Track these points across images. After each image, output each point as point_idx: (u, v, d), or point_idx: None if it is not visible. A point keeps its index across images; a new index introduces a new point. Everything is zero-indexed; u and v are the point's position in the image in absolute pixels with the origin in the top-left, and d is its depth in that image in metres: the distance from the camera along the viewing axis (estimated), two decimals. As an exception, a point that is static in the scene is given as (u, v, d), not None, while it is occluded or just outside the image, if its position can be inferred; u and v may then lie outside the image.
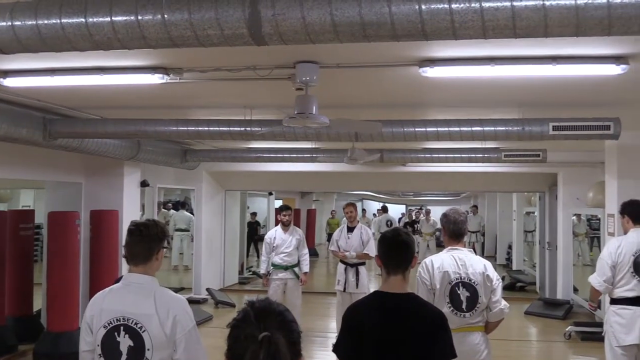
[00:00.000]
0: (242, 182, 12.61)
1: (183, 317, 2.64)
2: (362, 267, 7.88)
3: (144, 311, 2.63)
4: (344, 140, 6.78)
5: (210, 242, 12.09)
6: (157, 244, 2.77)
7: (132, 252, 2.75)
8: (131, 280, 2.74)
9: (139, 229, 2.74)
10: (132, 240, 2.74)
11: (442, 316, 2.87)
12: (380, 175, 11.63)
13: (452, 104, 6.02)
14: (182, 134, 6.49)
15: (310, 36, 2.55)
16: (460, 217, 4.19)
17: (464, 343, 3.97)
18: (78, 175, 8.52)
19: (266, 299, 1.64)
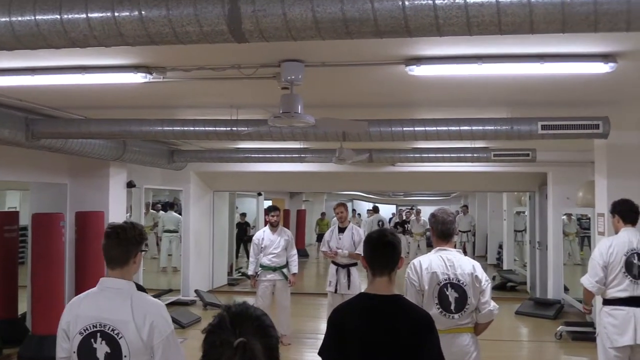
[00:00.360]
0: (231, 182, 12.55)
1: (160, 322, 2.59)
2: (353, 268, 7.85)
3: (120, 317, 2.58)
4: (332, 140, 6.74)
5: (199, 244, 12.02)
6: (134, 248, 2.72)
7: (108, 255, 2.69)
8: (107, 285, 2.69)
9: (115, 232, 2.68)
10: (109, 243, 2.68)
11: (428, 318, 2.84)
12: (369, 175, 11.60)
13: (440, 103, 5.99)
14: (168, 134, 6.43)
15: (291, 33, 2.50)
16: (449, 217, 4.15)
17: (453, 344, 3.95)
18: (63, 176, 8.43)
19: (243, 304, 1.59)
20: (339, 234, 8.01)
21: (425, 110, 6.52)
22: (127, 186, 9.13)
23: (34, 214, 7.72)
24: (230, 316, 1.54)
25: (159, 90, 5.38)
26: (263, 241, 8.28)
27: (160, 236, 14.51)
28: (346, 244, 7.87)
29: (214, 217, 12.67)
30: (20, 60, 4.26)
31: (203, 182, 12.18)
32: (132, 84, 4.80)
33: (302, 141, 8.38)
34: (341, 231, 8.01)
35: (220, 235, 13.08)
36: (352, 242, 7.83)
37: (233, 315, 1.54)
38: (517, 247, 15.52)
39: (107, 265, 2.71)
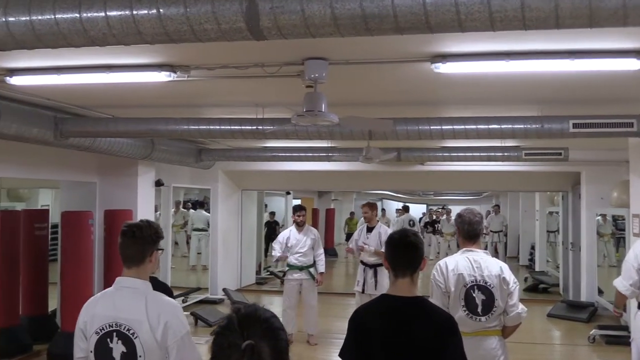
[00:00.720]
0: (259, 181, 12.59)
1: (175, 323, 2.58)
2: (381, 268, 7.79)
3: (135, 316, 2.58)
4: (358, 139, 6.71)
5: (227, 242, 12.08)
6: (150, 246, 2.71)
7: (124, 253, 2.69)
8: (123, 284, 2.69)
9: (131, 230, 2.68)
10: (125, 241, 2.68)
11: (451, 321, 2.78)
12: (398, 174, 11.52)
13: (468, 101, 5.91)
14: (194, 133, 6.46)
15: (310, 30, 2.47)
16: (475, 217, 4.08)
17: (480, 347, 3.89)
18: (92, 175, 8.54)
19: (252, 305, 1.57)
20: (367, 233, 7.97)
21: (453, 108, 6.44)
22: (155, 185, 9.21)
23: (63, 211, 7.83)
24: (238, 318, 1.52)
25: (184, 89, 5.40)
26: (289, 240, 8.29)
27: (190, 234, 14.63)
28: (373, 244, 7.84)
29: (242, 216, 12.72)
30: (46, 59, 4.32)
31: (231, 181, 12.23)
32: (157, 82, 4.82)
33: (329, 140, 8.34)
34: (369, 230, 7.98)
35: (248, 233, 13.13)
36: (379, 241, 7.79)
37: (241, 317, 1.52)
38: (550, 248, 15.28)
39: (124, 263, 2.71)
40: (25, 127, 5.83)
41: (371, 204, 8.18)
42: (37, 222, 8.23)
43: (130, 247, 2.68)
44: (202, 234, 13.74)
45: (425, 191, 23.90)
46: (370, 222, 8.00)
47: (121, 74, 4.54)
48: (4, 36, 2.61)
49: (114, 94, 5.71)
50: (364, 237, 8.00)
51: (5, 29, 2.59)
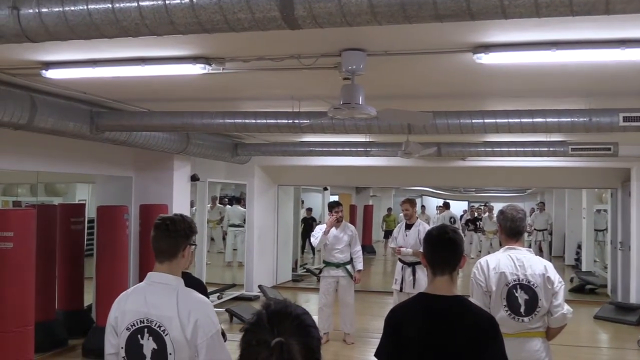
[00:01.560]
0: (295, 176, 12.61)
1: (205, 321, 2.57)
2: (419, 266, 7.72)
3: (165, 313, 2.57)
4: (398, 133, 6.65)
5: (263, 238, 12.13)
6: (183, 240, 2.70)
7: (157, 247, 2.69)
8: (155, 279, 2.68)
9: (165, 224, 2.67)
10: (158, 235, 2.68)
11: (492, 321, 2.73)
12: (438, 170, 11.41)
13: (512, 93, 5.81)
14: (229, 127, 6.49)
15: (346, 18, 2.44)
16: (518, 214, 4.00)
17: (522, 349, 3.82)
18: (128, 169, 8.65)
19: (284, 301, 1.54)
20: (406, 230, 7.91)
21: (496, 101, 6.34)
22: (191, 179, 9.29)
23: (99, 206, 7.96)
24: (268, 314, 1.49)
25: (219, 82, 5.42)
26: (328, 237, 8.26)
27: (226, 230, 14.75)
28: (411, 241, 7.77)
29: (279, 212, 12.77)
30: (81, 52, 4.37)
31: (267, 176, 12.28)
32: (191, 75, 4.85)
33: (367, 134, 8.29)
34: (408, 228, 7.91)
35: (284, 230, 13.17)
36: (418, 239, 7.70)
37: (272, 313, 1.50)
38: (598, 248, 14.96)
39: (156, 258, 2.71)
40: (62, 121, 5.93)
41: (411, 201, 8.11)
42: (73, 216, 8.38)
43: (163, 241, 2.68)
44: (238, 230, 13.85)
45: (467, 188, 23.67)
46: (410, 219, 7.93)
47: (156, 67, 4.57)
48: (37, 27, 2.64)
49: (149, 87, 5.76)
50: (402, 234, 7.94)
51: (39, 20, 2.62)
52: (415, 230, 7.83)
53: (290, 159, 11.14)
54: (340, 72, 4.41)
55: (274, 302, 1.52)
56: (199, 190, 10.61)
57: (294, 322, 1.49)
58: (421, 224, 7.96)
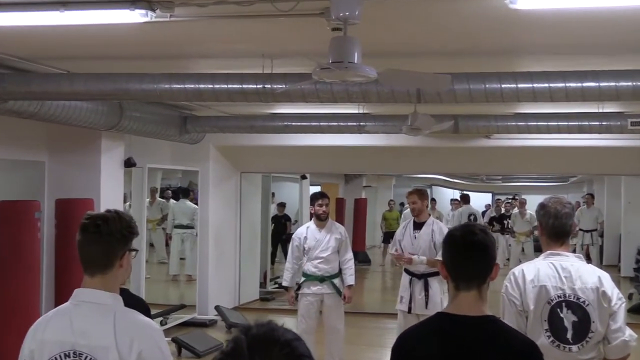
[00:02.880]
0: (264, 161, 12.63)
1: (152, 352, 2.57)
2: (433, 278, 7.72)
3: (99, 342, 2.57)
4: (402, 102, 6.67)
5: (221, 244, 12.14)
6: (121, 246, 2.70)
7: (85, 256, 2.68)
8: (84, 298, 2.67)
9: (95, 224, 2.67)
10: (86, 239, 2.68)
11: (533, 348, 2.78)
12: (454, 151, 11.50)
13: (554, 49, 5.85)
14: (178, 94, 6.48)
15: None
16: (565, 208, 4.04)
17: (570, 387, 3.88)
18: (39, 152, 8.60)
19: (268, 324, 1.55)
20: (414, 231, 7.93)
21: (533, 59, 6.40)
22: (125, 165, 9.26)
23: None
24: (249, 340, 1.50)
25: (166, 34, 5.39)
26: (306, 240, 8.27)
27: (171, 233, 14.70)
28: (423, 246, 7.77)
29: (242, 209, 12.77)
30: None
31: (227, 160, 12.27)
32: (129, 24, 4.82)
33: (361, 104, 8.33)
34: (417, 228, 7.93)
35: (250, 232, 13.19)
36: (432, 243, 7.73)
37: (253, 339, 1.50)
38: (665, 254, 15.17)
39: (85, 270, 2.70)
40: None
41: (421, 192, 8.12)
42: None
43: (94, 247, 2.67)
44: (187, 233, 13.80)
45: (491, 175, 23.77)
46: (420, 215, 7.95)
47: (80, 13, 4.54)
48: None
49: (70, 41, 5.72)
50: (410, 236, 7.93)
51: None
52: (428, 230, 7.84)
53: (258, 138, 11.14)
54: (328, 21, 4.42)
55: (256, 325, 1.53)
56: (134, 180, 10.56)
57: (283, 351, 1.49)
58: (435, 222, 7.98)
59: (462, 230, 2.90)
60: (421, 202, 8.00)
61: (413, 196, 8.02)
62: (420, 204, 7.98)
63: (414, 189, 8.19)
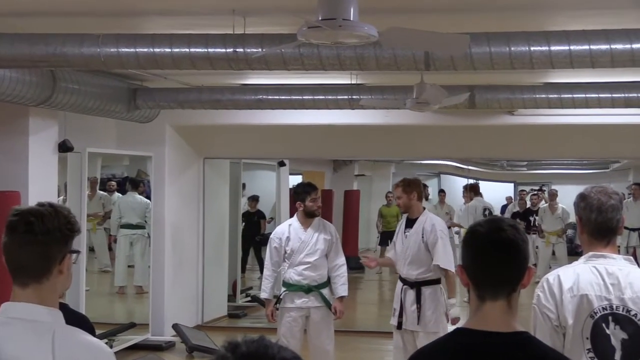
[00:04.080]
0: (233, 144, 12.63)
1: None
2: (428, 288, 7.83)
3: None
4: (406, 70, 6.70)
5: (180, 247, 12.13)
6: (60, 247, 2.69)
7: (15, 261, 2.67)
8: (14, 313, 2.66)
9: (26, 222, 2.65)
10: (15, 241, 2.65)
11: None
12: (469, 131, 11.56)
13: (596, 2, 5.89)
14: (128, 60, 6.48)
15: None
16: (610, 200, 4.05)
17: None
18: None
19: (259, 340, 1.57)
20: (406, 230, 8.02)
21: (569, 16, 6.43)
22: (59, 150, 9.22)
23: None
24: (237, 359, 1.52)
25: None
26: (289, 242, 8.30)
27: (116, 235, 14.66)
28: (412, 247, 7.88)
29: (206, 204, 12.76)
30: None
31: (187, 144, 12.25)
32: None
33: (355, 72, 8.33)
34: (409, 225, 8.02)
35: (216, 233, 13.21)
36: (422, 242, 7.83)
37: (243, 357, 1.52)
38: None
39: (14, 279, 2.68)
40: None
41: (407, 182, 8.15)
42: None
43: (26, 251, 2.66)
44: (137, 234, 13.77)
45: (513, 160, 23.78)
46: (409, 211, 8.03)
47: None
48: None
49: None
50: (401, 237, 8.03)
51: None
52: (419, 227, 7.91)
53: (226, 115, 11.10)
54: (316, -32, 4.42)
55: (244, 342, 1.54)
56: (71, 168, 10.52)
57: (279, 373, 1.51)
58: (428, 217, 8.04)
59: (487, 226, 2.89)
60: (407, 196, 8.04)
61: (397, 189, 8.13)
62: (406, 197, 8.03)
63: (400, 181, 8.21)
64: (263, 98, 9.63)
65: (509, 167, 25.66)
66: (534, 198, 20.81)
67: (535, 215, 19.27)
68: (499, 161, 23.84)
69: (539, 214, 18.90)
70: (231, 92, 9.80)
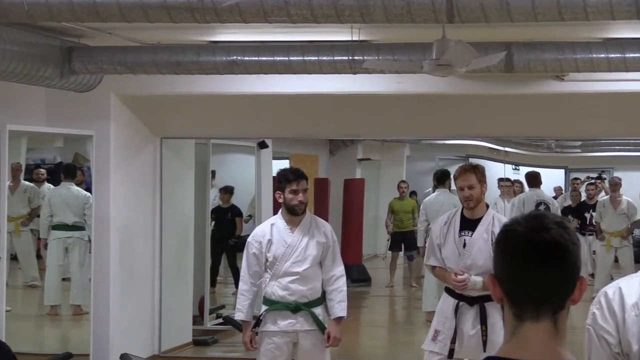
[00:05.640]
0: (199, 120, 12.66)
1: None
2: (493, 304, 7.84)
3: None
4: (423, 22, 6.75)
5: (131, 255, 12.14)
6: None
7: None
8: None
9: None
10: None
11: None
12: (506, 102, 11.64)
13: None
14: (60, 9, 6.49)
15: None
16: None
17: None
18: None
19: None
20: (463, 232, 8.05)
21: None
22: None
23: None
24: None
25: None
26: (271, 246, 8.32)
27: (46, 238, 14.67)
28: (479, 257, 7.91)
29: (164, 197, 12.78)
30: None
31: (139, 120, 12.25)
32: None
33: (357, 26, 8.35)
34: (468, 227, 8.07)
35: (177, 235, 13.23)
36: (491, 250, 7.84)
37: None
38: None
39: None
40: None
41: (478, 168, 8.22)
42: None
43: None
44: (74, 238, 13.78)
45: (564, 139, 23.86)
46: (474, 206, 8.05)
47: None
48: None
49: None
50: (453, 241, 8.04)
51: None
52: (486, 230, 7.94)
53: (190, 82, 11.08)
54: None
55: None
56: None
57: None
58: (495, 217, 8.10)
59: (527, 223, 2.87)
60: (481, 186, 8.08)
61: (469, 176, 8.10)
62: (480, 188, 8.06)
63: (467, 165, 8.25)
64: (238, 60, 9.59)
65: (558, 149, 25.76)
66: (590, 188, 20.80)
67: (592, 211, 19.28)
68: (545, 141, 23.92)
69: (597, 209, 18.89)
70: (196, 52, 9.77)
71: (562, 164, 28.38)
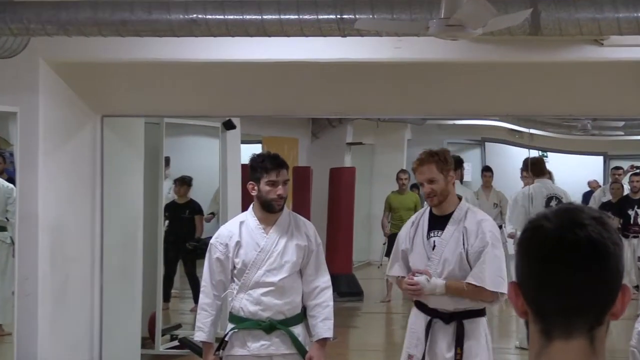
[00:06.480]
0: (149, 94, 12.66)
1: None
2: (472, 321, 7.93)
3: None
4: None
5: (64, 260, 12.15)
6: None
7: None
8: None
9: None
10: None
11: None
12: (531, 71, 11.67)
13: None
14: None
15: None
16: None
17: None
18: None
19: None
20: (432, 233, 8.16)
21: None
22: None
23: None
24: None
25: None
26: (240, 250, 8.34)
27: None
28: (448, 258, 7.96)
29: (105, 189, 12.78)
30: None
31: (75, 92, 12.26)
32: None
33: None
34: (437, 225, 8.16)
35: (121, 236, 13.28)
36: (463, 251, 7.91)
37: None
38: None
39: None
40: None
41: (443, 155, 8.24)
42: None
43: None
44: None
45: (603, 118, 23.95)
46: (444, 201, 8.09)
47: None
48: None
49: None
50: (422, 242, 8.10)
51: None
52: (457, 228, 7.98)
53: (138, 47, 11.13)
54: None
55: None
56: None
57: None
58: (469, 211, 8.13)
59: (558, 219, 2.86)
60: (445, 177, 8.10)
61: (428, 167, 8.14)
62: (444, 180, 8.08)
63: (424, 154, 8.25)
64: (198, 18, 9.59)
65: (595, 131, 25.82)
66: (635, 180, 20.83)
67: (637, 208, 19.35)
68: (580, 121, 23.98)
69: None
70: (146, 9, 9.74)
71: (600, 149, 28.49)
